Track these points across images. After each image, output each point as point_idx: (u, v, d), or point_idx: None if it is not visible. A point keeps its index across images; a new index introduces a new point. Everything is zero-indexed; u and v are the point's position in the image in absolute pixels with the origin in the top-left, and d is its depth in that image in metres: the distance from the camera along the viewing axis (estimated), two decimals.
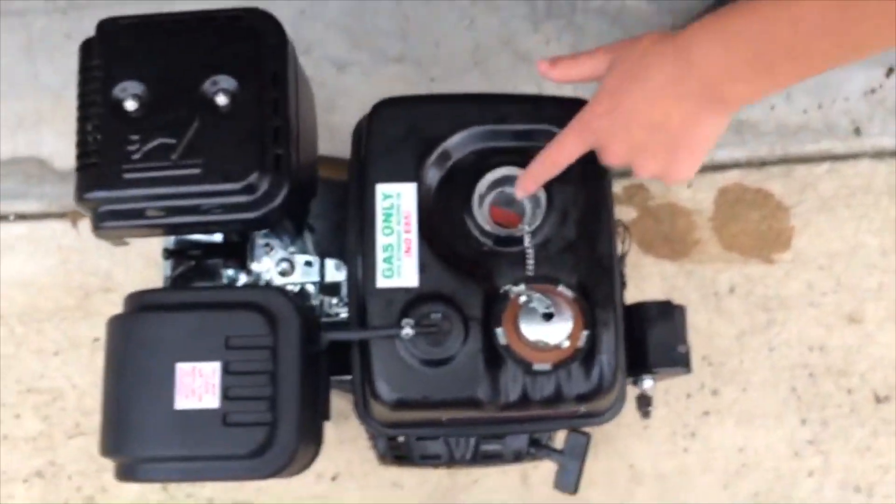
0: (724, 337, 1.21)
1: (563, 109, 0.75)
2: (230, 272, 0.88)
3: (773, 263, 1.23)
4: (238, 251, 0.88)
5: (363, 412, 0.78)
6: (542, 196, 0.75)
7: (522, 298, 0.71)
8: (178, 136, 0.73)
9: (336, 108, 1.26)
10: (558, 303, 0.70)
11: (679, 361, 0.83)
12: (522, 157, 0.76)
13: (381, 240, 0.75)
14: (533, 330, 0.70)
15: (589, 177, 0.76)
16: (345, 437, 1.11)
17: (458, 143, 0.76)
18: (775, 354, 1.20)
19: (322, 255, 0.88)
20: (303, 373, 0.70)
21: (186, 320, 0.70)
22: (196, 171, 0.72)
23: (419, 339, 0.71)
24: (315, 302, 0.88)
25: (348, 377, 0.79)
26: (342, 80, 1.28)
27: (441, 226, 0.76)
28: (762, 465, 1.18)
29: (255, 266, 0.88)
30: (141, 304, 0.72)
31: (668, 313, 0.84)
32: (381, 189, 0.75)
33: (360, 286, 0.75)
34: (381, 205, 0.75)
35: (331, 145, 0.97)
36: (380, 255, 0.74)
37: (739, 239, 1.25)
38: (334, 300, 0.88)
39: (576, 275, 0.74)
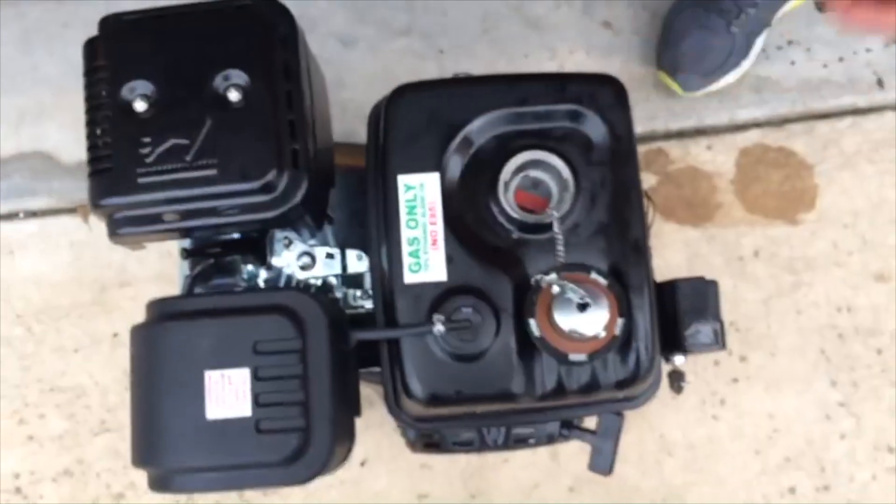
0: (750, 302, 1.19)
1: (589, 87, 0.72)
2: (250, 268, 0.86)
3: (797, 224, 1.21)
4: (257, 247, 0.86)
5: (394, 407, 0.77)
6: (570, 178, 0.73)
7: (555, 289, 0.68)
8: (191, 136, 0.70)
9: (345, 85, 1.23)
10: (593, 292, 0.68)
11: (714, 340, 0.81)
12: (547, 140, 0.73)
13: (406, 233, 0.72)
14: (568, 321, 0.68)
15: (618, 156, 0.73)
16: (371, 423, 1.10)
17: (480, 129, 0.74)
18: (803, 317, 1.18)
19: (342, 246, 0.86)
20: (333, 374, 0.68)
21: (212, 327, 0.68)
22: (212, 171, 0.70)
23: (450, 335, 0.70)
24: (339, 294, 0.86)
25: (377, 369, 0.78)
26: (349, 57, 1.25)
27: (466, 216, 0.73)
28: (793, 430, 1.17)
29: (275, 261, 0.86)
30: (164, 313, 0.70)
31: (702, 291, 0.82)
32: (404, 180, 0.73)
33: (387, 281, 0.73)
34: (403, 197, 0.73)
35: (341, 124, 0.94)
36: (405, 249, 0.72)
37: (762, 201, 1.22)
38: (358, 292, 0.86)
39: (608, 260, 0.72)
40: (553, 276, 0.70)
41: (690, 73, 1.18)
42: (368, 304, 0.85)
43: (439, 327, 0.69)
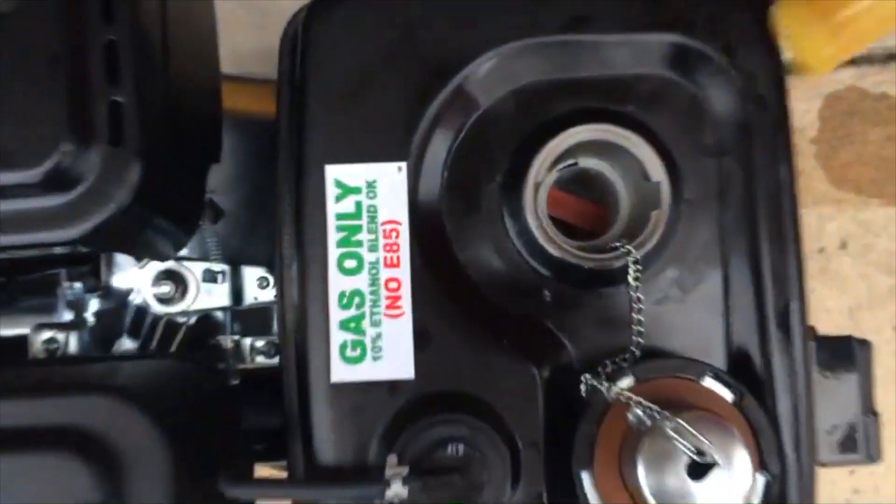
0: (833, 311, 0.87)
1: (710, 6, 0.37)
2: (76, 289, 0.50)
3: None
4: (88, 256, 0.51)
5: None
6: (663, 177, 0.37)
7: (637, 416, 0.34)
8: None
9: (237, 32, 0.82)
10: (717, 434, 0.33)
11: (856, 447, 0.47)
12: (619, 103, 0.37)
13: (336, 282, 0.36)
14: (667, 487, 0.33)
15: (758, 138, 0.38)
16: None
17: (489, 76, 0.37)
18: None
19: (235, 260, 0.50)
20: None
21: None
22: None
23: (421, 494, 0.35)
24: (226, 343, 0.50)
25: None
26: None
27: (456, 247, 0.38)
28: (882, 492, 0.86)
29: (116, 281, 0.50)
30: None
31: (846, 357, 0.47)
32: (334, 174, 0.37)
33: (300, 373, 0.37)
34: (333, 208, 0.37)
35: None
36: (334, 314, 0.36)
37: (854, 170, 0.89)
38: (261, 342, 0.51)
39: (731, 341, 0.37)
40: (629, 381, 0.35)
41: None
42: (277, 359, 0.50)
43: (399, 489, 0.34)
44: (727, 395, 0.36)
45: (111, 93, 0.35)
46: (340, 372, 0.36)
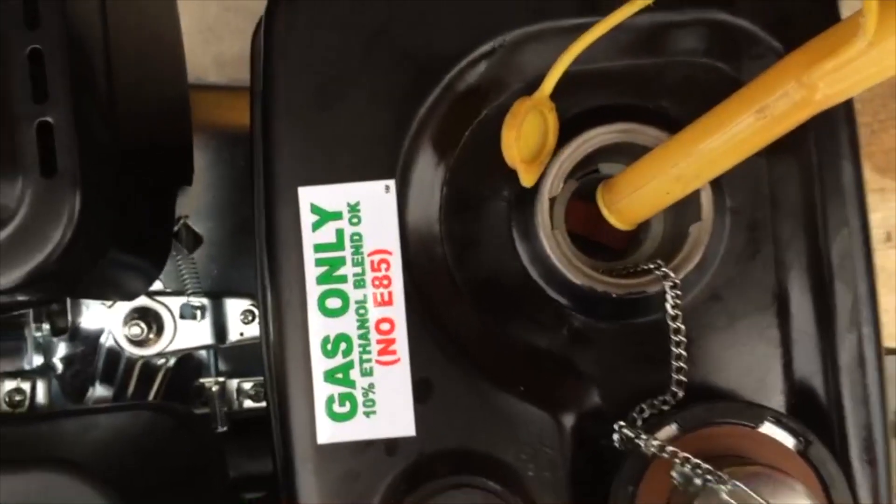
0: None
1: None
2: (44, 331, 0.45)
3: None
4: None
5: None
6: (706, 191, 0.31)
7: (690, 477, 0.28)
8: None
9: (223, 37, 0.77)
10: (787, 499, 0.27)
11: None
12: (647, 98, 0.32)
13: (317, 324, 0.31)
14: None
15: (816, 132, 0.32)
16: None
17: (490, 72, 0.31)
18: None
19: (216, 293, 0.45)
20: None
21: None
22: None
23: None
24: (211, 385, 0.45)
25: None
26: None
27: (461, 277, 0.32)
28: None
29: (85, 321, 0.44)
30: None
31: None
32: (311, 197, 0.31)
33: (284, 434, 0.32)
34: (311, 237, 0.31)
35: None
36: (318, 363, 0.31)
37: None
38: (248, 384, 0.45)
39: (792, 379, 0.31)
40: (672, 429, 0.29)
41: None
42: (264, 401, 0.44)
43: None
44: (790, 443, 0.30)
45: (39, 112, 0.30)
46: (328, 431, 0.30)
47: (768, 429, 0.30)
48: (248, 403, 0.45)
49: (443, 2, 0.31)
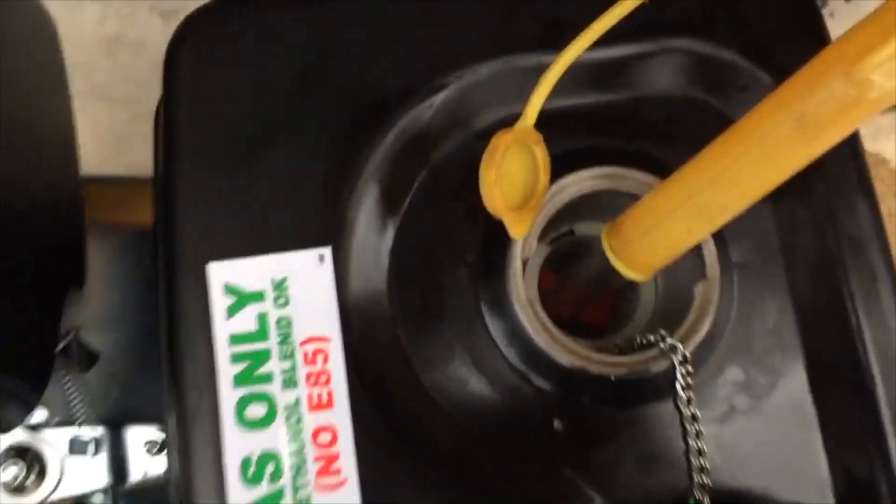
0: None
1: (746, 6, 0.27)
2: None
3: None
4: None
5: None
6: (707, 244, 0.25)
7: None
8: None
9: (133, 145, 0.71)
10: None
11: None
12: (632, 137, 0.27)
13: (236, 447, 0.23)
14: None
15: (828, 174, 0.27)
16: None
17: (443, 114, 0.26)
18: None
19: (114, 421, 0.37)
20: None
21: None
22: None
23: None
24: None
25: None
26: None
27: (420, 365, 0.25)
28: None
29: None
30: None
31: None
32: (224, 275, 0.24)
33: None
34: (226, 329, 0.24)
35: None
36: (238, 497, 0.23)
37: None
38: None
39: (836, 464, 0.25)
40: None
41: None
42: None
43: None
44: None
45: None
46: None
47: None
48: None
49: (384, 31, 0.25)
